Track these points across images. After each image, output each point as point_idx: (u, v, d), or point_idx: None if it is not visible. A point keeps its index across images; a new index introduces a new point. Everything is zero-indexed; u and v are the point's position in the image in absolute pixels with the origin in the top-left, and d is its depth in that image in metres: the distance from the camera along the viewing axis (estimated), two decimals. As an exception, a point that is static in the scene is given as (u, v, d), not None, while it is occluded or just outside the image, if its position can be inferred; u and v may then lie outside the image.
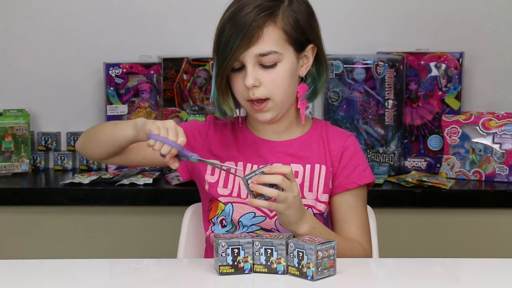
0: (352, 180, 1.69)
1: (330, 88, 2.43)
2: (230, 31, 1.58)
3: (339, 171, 1.69)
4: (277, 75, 1.61)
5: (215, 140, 1.72)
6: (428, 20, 2.55)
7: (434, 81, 2.45)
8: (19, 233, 2.32)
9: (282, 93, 1.63)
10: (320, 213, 1.67)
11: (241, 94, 1.63)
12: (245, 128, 1.73)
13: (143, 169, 2.47)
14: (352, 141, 1.72)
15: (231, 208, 1.67)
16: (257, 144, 1.70)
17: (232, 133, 1.73)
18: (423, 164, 2.47)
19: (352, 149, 1.71)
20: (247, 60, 1.59)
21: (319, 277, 1.42)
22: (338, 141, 1.71)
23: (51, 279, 1.48)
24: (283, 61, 1.61)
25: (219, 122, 1.75)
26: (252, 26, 1.57)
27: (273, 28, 1.59)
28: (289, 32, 1.61)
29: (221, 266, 1.44)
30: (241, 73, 1.61)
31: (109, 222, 2.32)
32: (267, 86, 1.61)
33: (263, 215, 1.66)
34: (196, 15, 2.55)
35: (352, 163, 1.70)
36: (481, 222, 2.29)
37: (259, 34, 1.58)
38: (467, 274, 1.55)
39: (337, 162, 1.70)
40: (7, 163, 2.48)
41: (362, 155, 1.73)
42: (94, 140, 1.68)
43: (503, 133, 2.34)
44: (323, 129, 1.73)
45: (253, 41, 1.57)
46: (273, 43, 1.59)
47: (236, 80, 1.62)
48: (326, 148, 1.70)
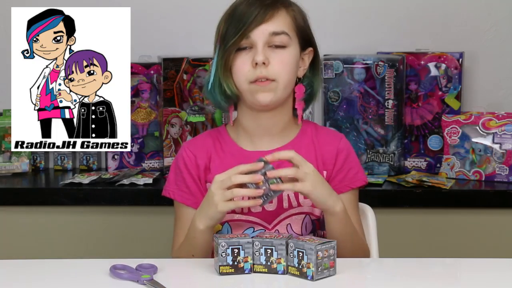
0: (346, 184, 1.69)
1: (330, 88, 2.43)
2: (244, 9, 1.61)
3: (333, 174, 1.69)
4: (285, 57, 1.63)
5: (207, 163, 1.71)
6: (428, 20, 2.55)
7: (434, 81, 2.45)
8: (19, 233, 2.32)
9: (287, 76, 1.63)
10: (317, 218, 1.68)
11: (245, 75, 1.62)
12: (232, 143, 1.71)
13: (143, 169, 2.47)
14: (345, 144, 1.72)
15: (229, 228, 1.66)
16: (247, 157, 1.65)
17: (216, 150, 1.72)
18: (423, 164, 2.47)
19: (345, 152, 1.71)
20: (259, 37, 1.60)
21: (319, 277, 1.42)
22: (330, 144, 1.71)
23: (51, 279, 1.48)
24: (291, 47, 1.64)
25: (197, 144, 1.73)
26: (267, 5, 1.61)
27: (285, 13, 1.64)
28: (298, 23, 1.65)
29: (221, 266, 1.44)
30: (248, 53, 1.61)
31: (109, 222, 2.32)
32: (274, 67, 1.61)
33: (262, 228, 1.66)
34: (196, 15, 2.55)
35: (346, 167, 1.70)
36: (481, 222, 2.29)
37: (273, 12, 1.61)
38: (467, 274, 1.55)
39: (332, 165, 1.69)
40: (7, 163, 2.48)
41: (355, 157, 1.74)
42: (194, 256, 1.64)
43: (503, 133, 2.34)
44: (313, 133, 1.73)
45: (267, 18, 1.61)
46: (286, 26, 1.63)
47: (241, 60, 1.62)
48: (318, 153, 1.70)
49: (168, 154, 2.43)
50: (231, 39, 1.60)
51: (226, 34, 1.62)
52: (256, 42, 1.60)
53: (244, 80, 1.62)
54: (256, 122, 1.68)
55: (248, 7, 1.61)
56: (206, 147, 1.71)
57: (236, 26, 1.60)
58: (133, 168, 2.46)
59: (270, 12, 1.61)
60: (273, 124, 1.69)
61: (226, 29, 1.62)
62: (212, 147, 1.71)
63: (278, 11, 1.62)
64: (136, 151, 2.50)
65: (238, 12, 1.62)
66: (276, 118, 1.68)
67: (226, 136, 1.73)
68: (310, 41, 1.69)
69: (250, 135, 1.70)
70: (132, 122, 2.45)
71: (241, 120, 1.71)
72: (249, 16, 1.60)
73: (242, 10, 1.62)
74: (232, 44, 1.60)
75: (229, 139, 1.72)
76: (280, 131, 1.70)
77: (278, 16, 1.62)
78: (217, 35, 1.66)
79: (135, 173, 2.40)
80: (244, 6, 1.62)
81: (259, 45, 1.60)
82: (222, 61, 1.63)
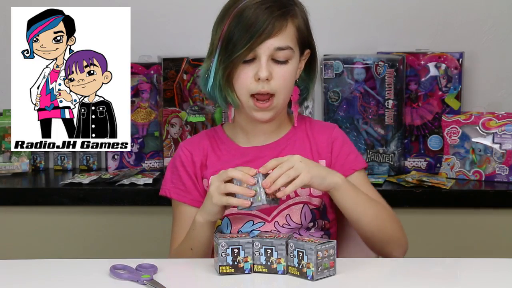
0: (349, 167, 1.70)
1: (330, 88, 2.43)
2: (252, 17, 1.57)
3: (333, 161, 1.70)
4: (287, 71, 1.62)
5: (203, 161, 1.72)
6: (428, 20, 2.55)
7: (434, 81, 2.45)
8: (19, 233, 2.32)
9: (287, 91, 1.64)
10: (316, 207, 1.68)
11: (246, 88, 1.61)
12: (228, 141, 1.73)
13: (143, 169, 2.47)
14: (338, 132, 1.74)
15: (228, 222, 1.67)
16: (243, 154, 1.69)
17: (213, 148, 1.73)
18: (423, 164, 2.47)
19: (340, 139, 1.72)
20: (263, 52, 1.59)
21: (319, 277, 1.42)
22: (324, 133, 1.72)
23: (51, 279, 1.48)
24: (293, 60, 1.63)
25: (194, 142, 1.75)
26: (276, 17, 1.58)
27: (291, 24, 1.61)
28: (300, 32, 1.63)
29: (221, 266, 1.44)
30: (251, 65, 1.60)
31: (109, 222, 2.32)
32: (277, 81, 1.61)
33: (261, 221, 1.66)
34: (196, 15, 2.55)
35: (344, 151, 1.71)
36: (481, 222, 2.29)
37: (281, 26, 1.59)
38: (467, 274, 1.55)
39: (329, 153, 1.70)
40: (7, 163, 2.48)
41: (351, 143, 1.75)
42: (191, 253, 1.64)
43: (503, 133, 2.34)
44: (307, 126, 1.74)
45: (274, 33, 1.58)
46: (290, 39, 1.61)
47: (244, 72, 1.61)
48: (313, 143, 1.71)
49: (168, 154, 2.43)
50: (236, 51, 1.58)
51: (231, 42, 1.59)
52: (260, 56, 1.59)
53: (246, 93, 1.62)
54: (252, 122, 1.70)
55: (256, 16, 1.57)
56: (202, 145, 1.72)
57: (242, 36, 1.57)
58: (133, 168, 2.46)
59: (278, 25, 1.58)
60: (269, 125, 1.71)
61: (231, 35, 1.59)
62: (208, 145, 1.72)
63: (286, 24, 1.59)
64: (136, 151, 2.50)
65: (245, 19, 1.58)
66: (272, 120, 1.69)
67: (223, 135, 1.74)
68: (309, 42, 1.68)
69: (246, 132, 1.72)
70: (132, 122, 2.45)
71: (238, 119, 1.72)
72: (257, 28, 1.57)
73: (249, 17, 1.57)
74: (237, 57, 1.59)
75: (226, 137, 1.73)
76: (275, 129, 1.72)
77: (285, 30, 1.59)
78: (218, 35, 1.63)
79: (135, 173, 2.40)
80: (252, 13, 1.58)
81: (263, 59, 1.59)
82: (225, 71, 1.61)
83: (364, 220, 1.60)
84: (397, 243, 1.64)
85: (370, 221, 1.60)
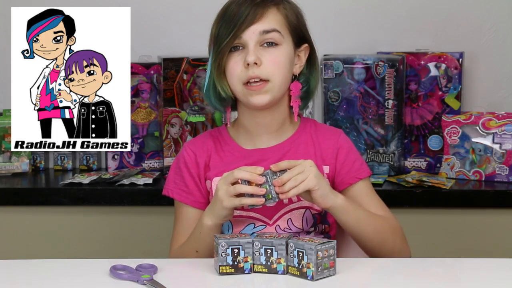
0: (353, 175, 1.70)
1: (330, 88, 2.43)
2: (234, 10, 1.62)
3: (337, 168, 1.70)
4: (277, 56, 1.63)
5: (206, 161, 1.72)
6: (428, 20, 2.55)
7: (434, 81, 2.45)
8: (19, 233, 2.32)
9: (281, 75, 1.64)
10: (318, 212, 1.68)
11: (238, 76, 1.62)
12: (232, 142, 1.73)
13: (143, 169, 2.47)
14: (344, 139, 1.74)
15: (230, 224, 1.67)
16: (246, 156, 1.69)
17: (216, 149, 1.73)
18: (423, 164, 2.47)
19: (346, 146, 1.72)
20: (250, 37, 1.61)
21: (319, 277, 1.42)
22: (329, 139, 1.72)
23: (51, 279, 1.48)
24: (284, 45, 1.64)
25: (198, 143, 1.75)
26: (257, 4, 1.62)
27: (276, 11, 1.64)
28: (290, 20, 1.65)
29: (221, 266, 1.44)
30: (240, 54, 1.62)
31: (109, 222, 2.32)
32: (267, 66, 1.62)
33: (263, 224, 1.66)
34: (196, 15, 2.55)
35: (350, 159, 1.71)
36: (481, 222, 2.29)
37: (263, 11, 1.62)
38: (467, 274, 1.55)
39: (333, 160, 1.70)
40: (7, 163, 2.48)
41: (356, 151, 1.75)
42: (196, 255, 1.64)
43: (503, 133, 2.34)
44: (312, 129, 1.74)
45: (257, 18, 1.61)
46: (276, 23, 1.63)
47: (234, 61, 1.63)
48: (317, 148, 1.71)
49: (168, 154, 2.43)
50: (223, 41, 1.61)
51: (218, 36, 1.63)
52: (247, 42, 1.61)
53: (237, 81, 1.63)
54: (255, 120, 1.70)
55: (238, 8, 1.62)
56: (206, 146, 1.72)
57: (227, 27, 1.61)
58: (133, 168, 2.46)
59: (260, 11, 1.61)
60: (271, 122, 1.70)
61: (218, 31, 1.63)
62: (212, 146, 1.72)
63: (268, 9, 1.63)
64: (136, 151, 2.50)
65: (229, 13, 1.62)
66: (274, 116, 1.69)
67: (226, 136, 1.74)
68: (304, 37, 1.69)
69: (249, 133, 1.72)
70: (132, 122, 2.45)
71: (241, 119, 1.72)
72: (240, 16, 1.61)
73: (232, 10, 1.62)
74: (224, 46, 1.61)
75: (229, 138, 1.73)
76: (278, 129, 1.71)
77: (269, 15, 1.62)
78: (210, 37, 1.67)
79: (135, 173, 2.40)
80: (234, 7, 1.63)
81: (250, 45, 1.61)
82: (216, 63, 1.64)
83: (365, 236, 1.62)
84: (399, 255, 1.66)
85: (371, 238, 1.62)
